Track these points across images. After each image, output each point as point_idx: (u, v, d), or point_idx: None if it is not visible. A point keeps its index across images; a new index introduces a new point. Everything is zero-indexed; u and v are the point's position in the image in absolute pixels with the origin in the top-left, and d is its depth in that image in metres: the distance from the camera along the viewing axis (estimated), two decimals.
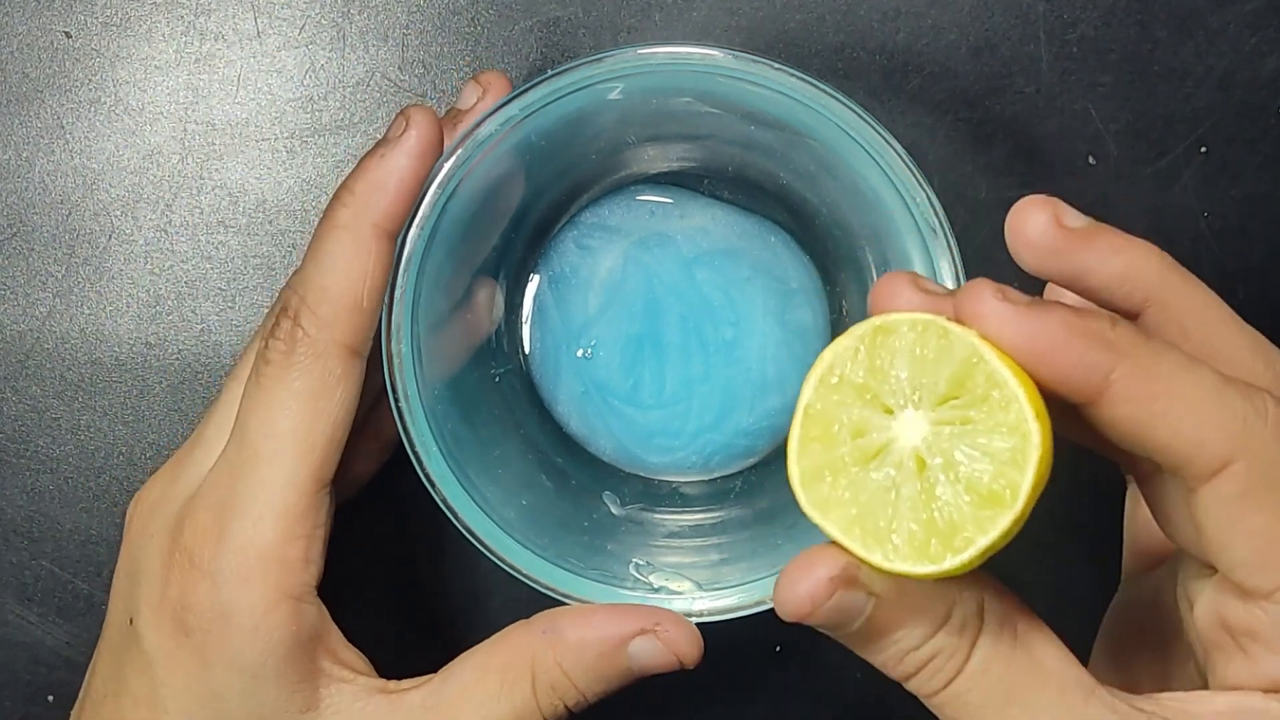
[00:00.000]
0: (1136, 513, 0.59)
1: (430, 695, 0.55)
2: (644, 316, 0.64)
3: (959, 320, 0.45)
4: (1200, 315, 0.49)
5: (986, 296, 0.44)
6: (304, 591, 0.55)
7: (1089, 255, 0.48)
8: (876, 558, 0.45)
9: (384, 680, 0.56)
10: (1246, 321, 0.50)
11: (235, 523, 0.54)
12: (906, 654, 0.47)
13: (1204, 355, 0.48)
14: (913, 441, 0.45)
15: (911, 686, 0.48)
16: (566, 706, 0.55)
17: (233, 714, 0.54)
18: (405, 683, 0.56)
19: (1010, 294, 0.45)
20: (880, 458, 0.45)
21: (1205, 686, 0.49)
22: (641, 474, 0.65)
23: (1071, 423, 0.46)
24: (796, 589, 0.46)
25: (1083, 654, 0.51)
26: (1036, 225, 0.48)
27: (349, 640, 0.57)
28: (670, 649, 0.55)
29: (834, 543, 0.46)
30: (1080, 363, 0.44)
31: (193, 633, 0.54)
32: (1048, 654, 0.47)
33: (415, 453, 0.56)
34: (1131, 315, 0.48)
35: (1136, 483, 0.49)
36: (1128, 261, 0.48)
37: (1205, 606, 0.48)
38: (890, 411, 0.45)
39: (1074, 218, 0.48)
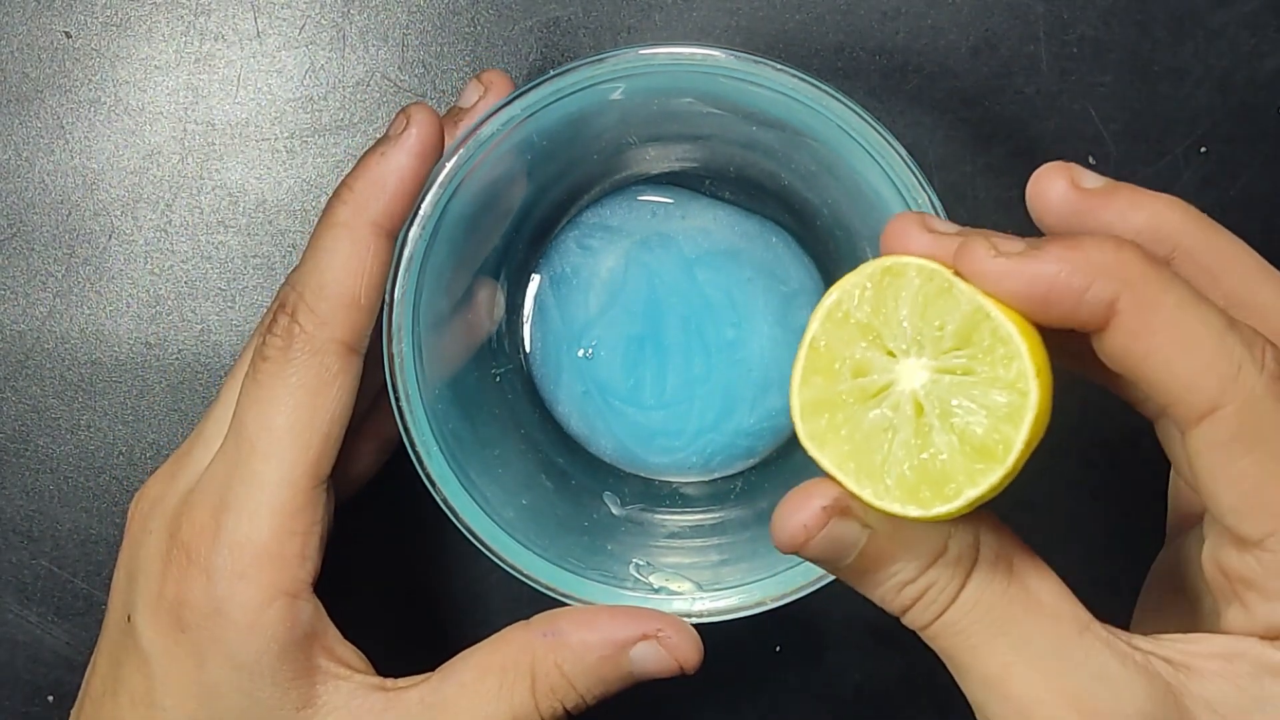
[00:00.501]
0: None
1: (429, 694, 0.55)
2: (645, 317, 0.64)
3: None
4: (1228, 262, 0.49)
5: (980, 256, 0.45)
6: (300, 588, 0.55)
7: (1109, 213, 0.49)
8: (867, 494, 0.46)
9: (381, 678, 0.56)
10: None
11: (231, 519, 0.54)
12: (903, 587, 0.47)
13: (1233, 302, 0.48)
14: (912, 386, 0.45)
15: (907, 620, 0.48)
16: (565, 708, 0.55)
17: (228, 710, 0.54)
18: (403, 681, 0.56)
19: (1004, 245, 0.45)
20: (879, 398, 0.46)
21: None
22: (642, 474, 0.65)
23: (1087, 359, 0.47)
24: (792, 518, 0.46)
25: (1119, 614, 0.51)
26: (1056, 190, 0.49)
27: (348, 638, 0.57)
28: (672, 655, 0.55)
29: (829, 476, 0.46)
30: (1083, 296, 0.44)
31: (189, 629, 0.54)
32: (1043, 589, 0.47)
33: (416, 452, 0.56)
34: None
35: (1150, 420, 0.50)
36: (1150, 215, 0.49)
37: (1207, 554, 0.48)
38: (893, 355, 0.46)
39: (1091, 179, 0.49)
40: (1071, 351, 0.47)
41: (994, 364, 0.44)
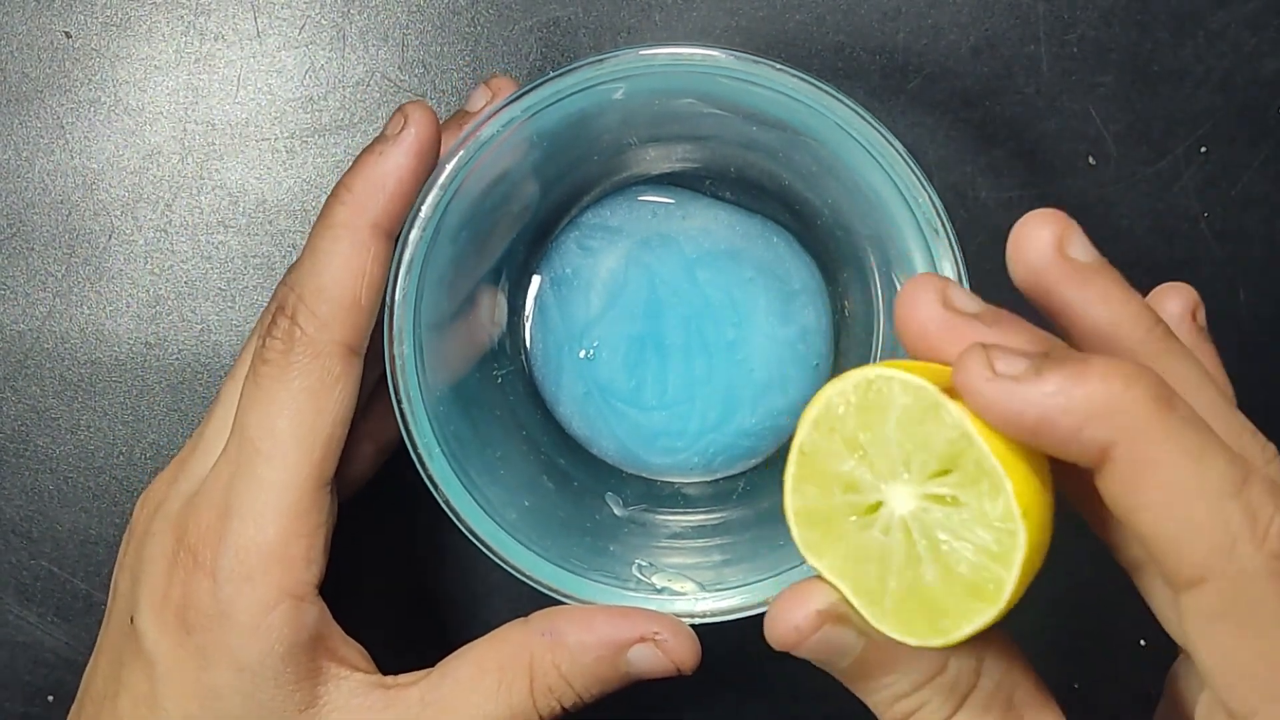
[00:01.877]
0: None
1: (428, 691, 0.55)
2: (646, 317, 0.64)
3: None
4: (1192, 395, 0.44)
5: (975, 375, 0.41)
6: (305, 590, 0.55)
7: (1079, 293, 0.45)
8: (865, 613, 0.45)
9: (381, 675, 0.56)
10: (1248, 322, 0.50)
11: (237, 522, 0.54)
12: (896, 700, 0.47)
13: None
14: (901, 511, 0.44)
15: None
16: (563, 707, 0.55)
17: (231, 713, 0.54)
18: (403, 678, 0.56)
19: (1003, 364, 0.41)
20: (871, 518, 0.45)
21: None
22: (644, 475, 0.65)
23: (1074, 489, 0.45)
24: (785, 619, 0.46)
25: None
26: (1037, 245, 0.45)
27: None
28: (669, 657, 0.55)
29: (825, 582, 0.46)
30: (1077, 437, 0.41)
31: (194, 631, 0.54)
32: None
33: (418, 454, 0.56)
34: None
35: (1125, 568, 0.47)
36: (1114, 317, 0.45)
37: (1202, 708, 0.46)
38: (879, 475, 0.44)
39: (1081, 249, 0.46)
40: (1071, 480, 0.45)
41: (979, 498, 0.42)
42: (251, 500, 0.54)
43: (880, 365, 0.44)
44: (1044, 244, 0.45)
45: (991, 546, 0.42)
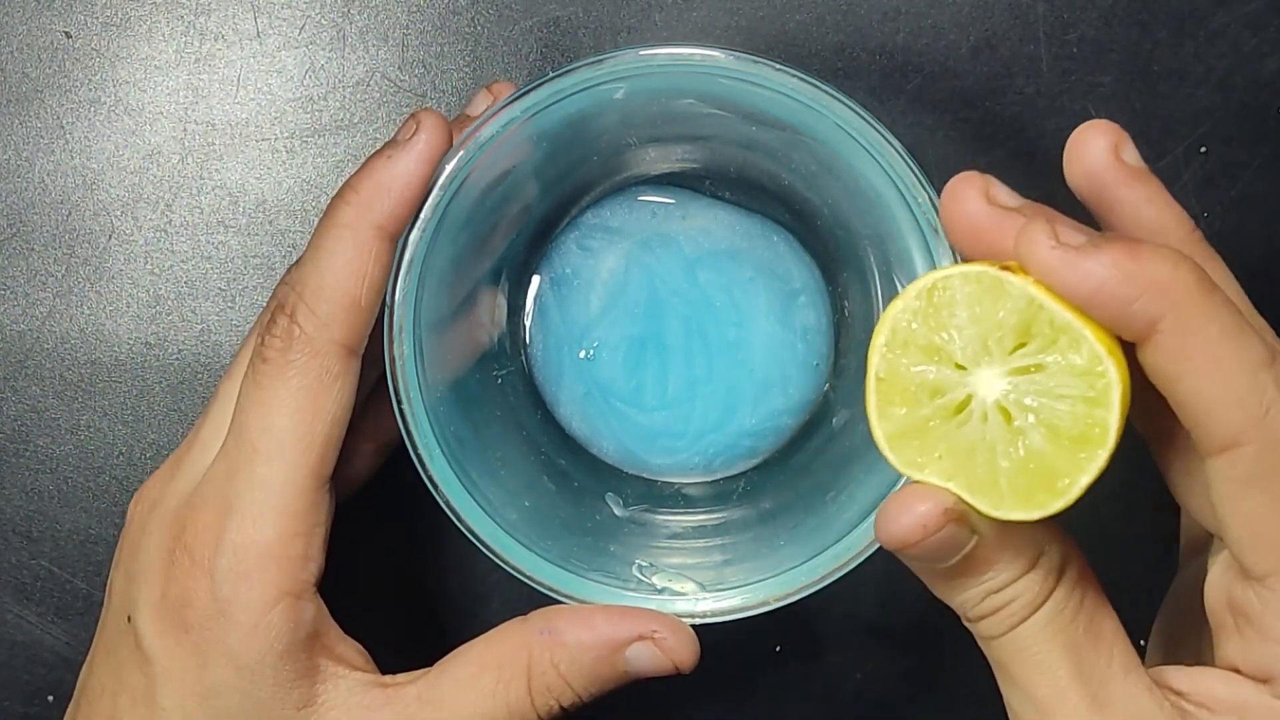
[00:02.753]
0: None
1: (426, 689, 0.55)
2: (646, 317, 0.64)
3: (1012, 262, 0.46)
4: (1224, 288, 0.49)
5: (1040, 242, 0.45)
6: (303, 589, 0.55)
7: (1130, 193, 0.49)
8: (984, 506, 0.47)
9: (379, 674, 0.56)
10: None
11: (235, 521, 0.54)
12: (986, 595, 0.48)
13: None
14: (993, 395, 0.46)
15: (981, 627, 0.49)
16: (561, 706, 0.55)
17: (229, 711, 0.54)
18: (401, 676, 0.56)
19: (1065, 235, 0.45)
20: (965, 413, 0.47)
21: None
22: (644, 475, 0.65)
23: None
24: (907, 515, 0.47)
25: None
26: (1095, 149, 0.49)
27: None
28: (668, 656, 0.55)
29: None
30: (1128, 308, 0.44)
31: (191, 629, 0.54)
32: (1106, 625, 0.49)
33: (418, 455, 0.56)
34: None
35: (1152, 445, 0.50)
36: (1160, 217, 0.50)
37: (1214, 582, 0.49)
38: (963, 368, 0.47)
39: (1132, 155, 0.49)
40: None
41: (1063, 352, 0.45)
42: (249, 499, 0.54)
43: (934, 274, 0.47)
44: (1101, 149, 0.49)
45: (1087, 393, 0.45)
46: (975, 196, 0.48)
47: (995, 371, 0.46)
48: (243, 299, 0.69)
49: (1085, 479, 0.45)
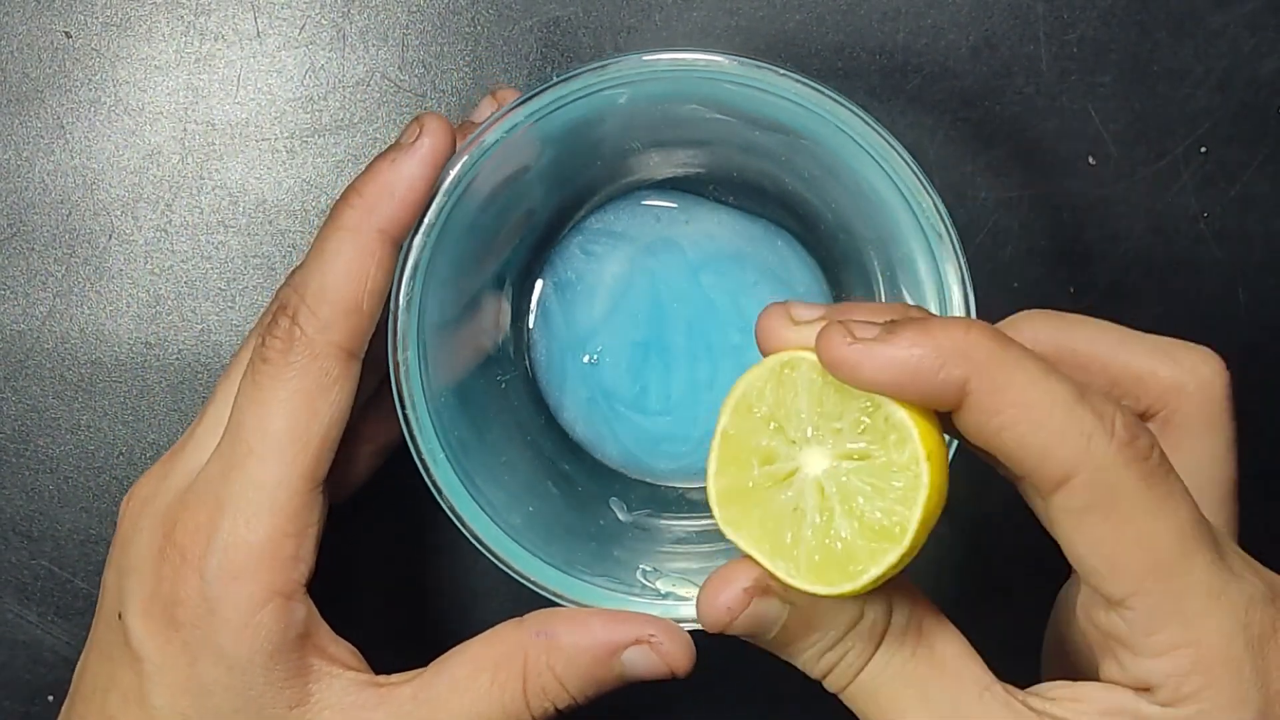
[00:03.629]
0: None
1: (421, 689, 0.55)
2: (650, 322, 0.64)
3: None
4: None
5: (836, 343, 0.46)
6: (294, 589, 0.55)
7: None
8: (781, 572, 0.48)
9: (374, 674, 0.56)
10: (1248, 322, 0.51)
11: (227, 519, 0.54)
12: (821, 655, 0.50)
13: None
14: (814, 473, 0.48)
15: (826, 683, 0.51)
16: (556, 708, 0.55)
17: (220, 709, 0.54)
18: (395, 676, 0.56)
19: (859, 330, 0.46)
20: (787, 483, 0.48)
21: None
22: (648, 480, 0.65)
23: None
24: (716, 600, 0.50)
25: None
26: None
27: (349, 640, 0.57)
28: (664, 660, 0.56)
29: (747, 557, 0.49)
30: (935, 379, 0.45)
31: (181, 627, 0.54)
32: (948, 651, 0.50)
33: (422, 459, 0.56)
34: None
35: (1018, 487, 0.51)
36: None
37: (1080, 607, 0.50)
38: (795, 443, 0.48)
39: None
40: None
41: (888, 449, 0.47)
42: (242, 498, 0.54)
43: (791, 351, 0.48)
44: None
45: (898, 491, 0.46)
46: (781, 321, 0.49)
47: (824, 451, 0.48)
48: (243, 299, 0.69)
49: (876, 570, 0.47)
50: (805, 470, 0.48)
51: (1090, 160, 0.68)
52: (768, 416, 0.49)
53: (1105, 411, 0.46)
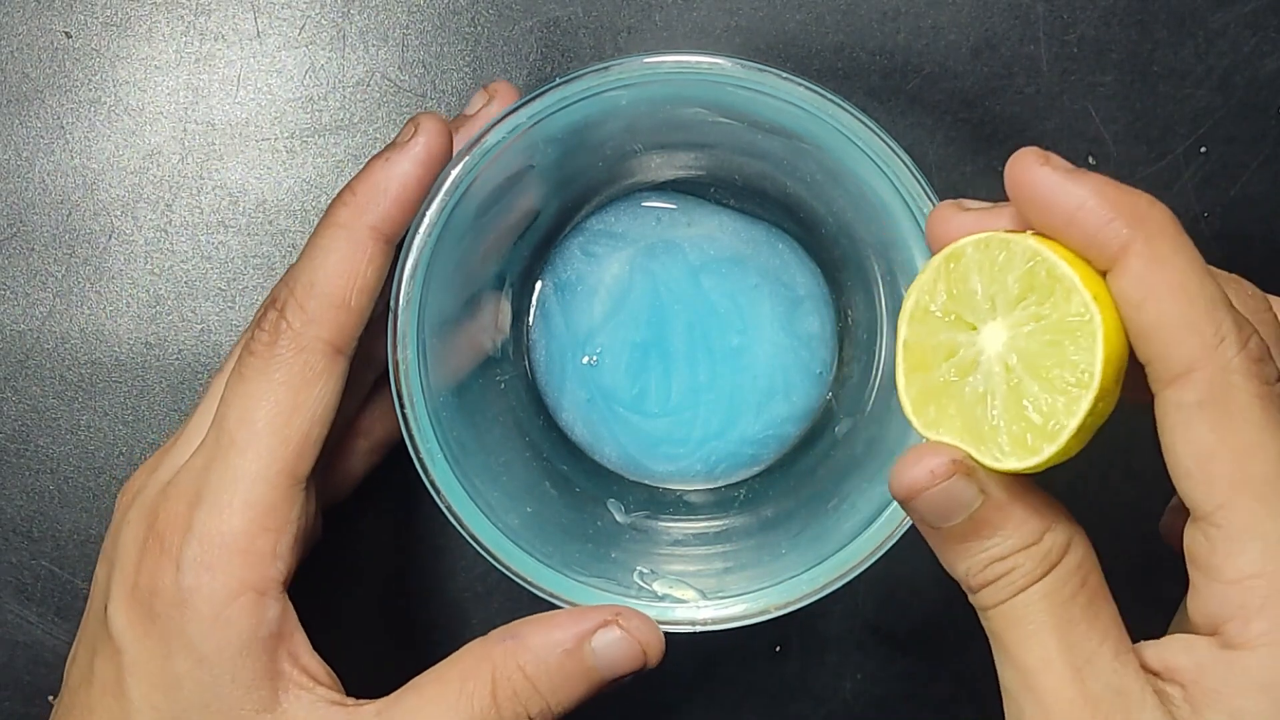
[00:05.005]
0: None
1: (386, 707, 0.55)
2: (650, 324, 0.64)
3: (1015, 225, 0.49)
4: None
5: (1029, 162, 0.48)
6: (268, 586, 0.54)
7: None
8: (987, 459, 0.48)
9: (343, 695, 0.56)
10: None
11: (204, 511, 0.54)
12: (990, 563, 0.49)
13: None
14: (996, 348, 0.48)
15: (979, 596, 0.50)
16: (529, 715, 0.55)
17: (191, 704, 0.54)
18: (363, 700, 0.56)
19: (1053, 159, 0.48)
20: (973, 368, 0.49)
21: None
22: (646, 482, 0.65)
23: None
24: (917, 464, 0.49)
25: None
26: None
27: (345, 642, 0.58)
28: (634, 637, 0.55)
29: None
30: (1105, 228, 0.46)
31: (158, 619, 0.54)
32: (1103, 609, 0.49)
33: (420, 459, 0.56)
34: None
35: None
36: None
37: (1184, 533, 0.49)
38: (974, 328, 0.49)
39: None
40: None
41: (1057, 302, 0.47)
42: (221, 490, 0.54)
43: (952, 245, 0.50)
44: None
45: (1077, 339, 0.46)
46: (951, 210, 0.51)
47: (999, 326, 0.48)
48: (243, 299, 0.69)
49: (1074, 421, 0.46)
50: (987, 350, 0.48)
51: (1090, 160, 0.68)
52: (945, 311, 0.49)
53: (1244, 325, 0.47)
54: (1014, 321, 0.48)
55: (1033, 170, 0.47)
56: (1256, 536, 0.46)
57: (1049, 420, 0.47)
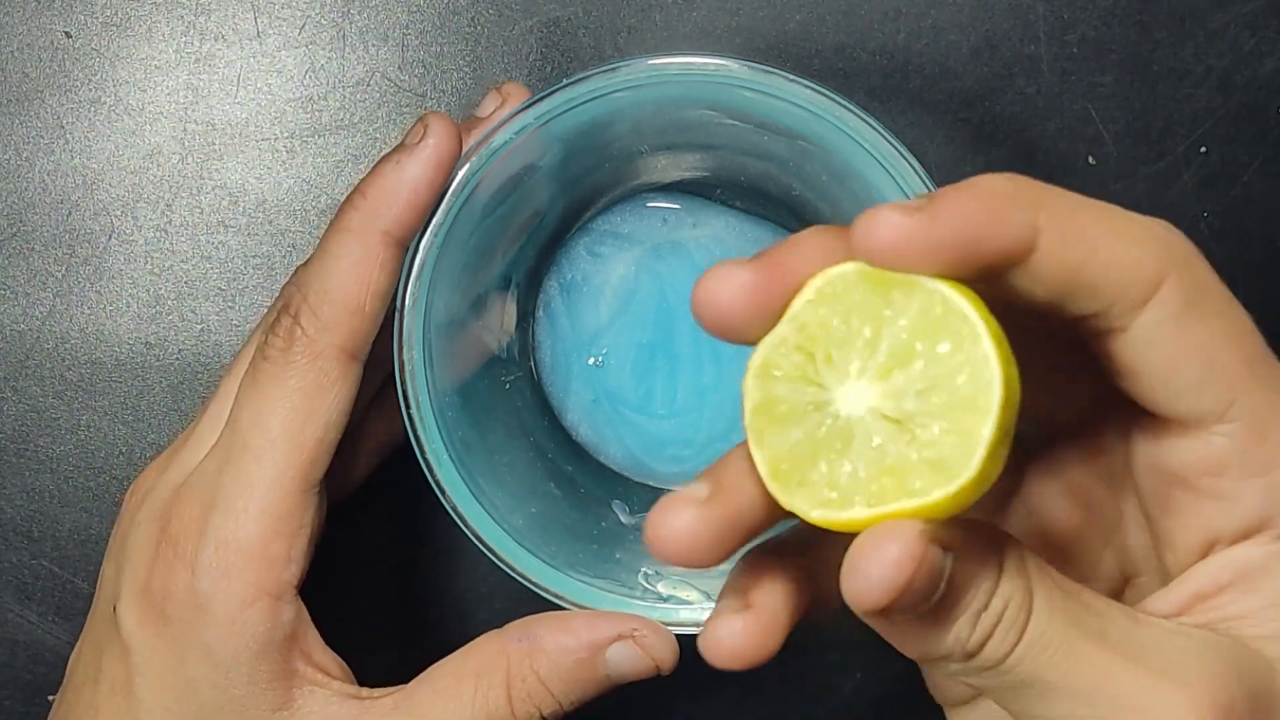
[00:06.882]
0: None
1: (402, 700, 0.55)
2: (656, 325, 0.64)
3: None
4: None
5: (886, 218, 0.40)
6: (283, 590, 0.55)
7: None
8: (910, 504, 0.40)
9: (358, 687, 0.56)
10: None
11: (219, 516, 0.54)
12: (977, 618, 0.42)
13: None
14: (867, 404, 0.41)
15: (983, 659, 0.42)
16: (542, 715, 0.55)
17: (204, 706, 0.54)
18: (377, 690, 0.56)
19: (909, 204, 0.40)
20: (841, 427, 0.42)
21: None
22: (652, 483, 0.65)
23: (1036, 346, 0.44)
24: (882, 557, 0.40)
25: None
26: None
27: (349, 640, 0.57)
28: (648, 654, 0.55)
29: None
30: (1006, 225, 0.41)
31: (171, 622, 0.54)
32: (1083, 592, 0.44)
33: (426, 460, 0.56)
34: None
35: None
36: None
37: (1153, 473, 0.46)
38: (827, 388, 0.42)
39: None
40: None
41: (930, 341, 0.41)
42: (236, 495, 0.54)
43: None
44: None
45: (959, 365, 0.40)
46: (815, 247, 0.43)
47: (862, 384, 0.41)
48: (243, 299, 0.69)
49: (987, 430, 0.40)
50: (850, 407, 0.41)
51: (1090, 160, 0.68)
52: (801, 362, 0.42)
53: (1166, 223, 0.43)
54: (884, 368, 0.41)
55: (893, 224, 0.40)
56: None
57: (960, 442, 0.40)
